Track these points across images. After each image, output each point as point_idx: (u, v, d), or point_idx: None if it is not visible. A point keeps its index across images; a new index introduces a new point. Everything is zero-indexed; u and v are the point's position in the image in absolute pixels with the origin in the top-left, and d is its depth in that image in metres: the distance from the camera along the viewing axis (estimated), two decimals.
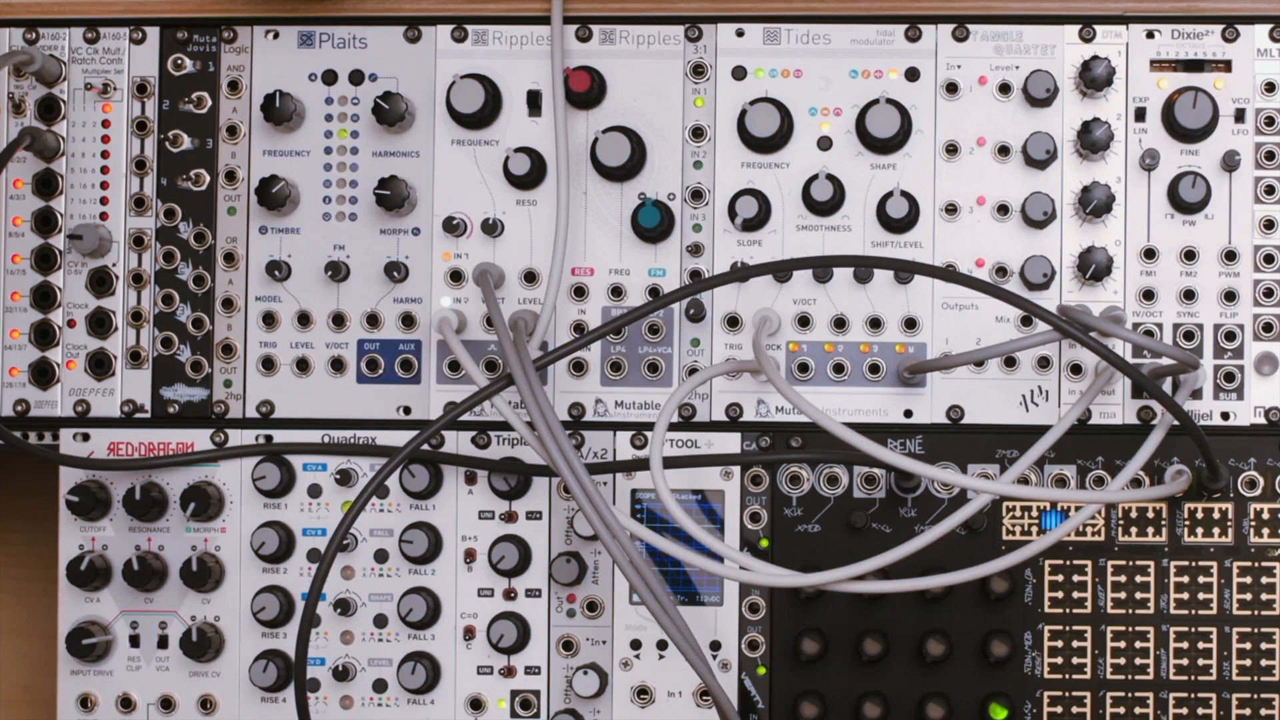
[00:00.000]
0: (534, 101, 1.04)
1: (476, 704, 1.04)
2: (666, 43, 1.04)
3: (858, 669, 1.02)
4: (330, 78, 1.05)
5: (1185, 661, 1.01)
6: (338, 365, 1.04)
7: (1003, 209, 1.02)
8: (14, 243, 1.05)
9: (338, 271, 1.03)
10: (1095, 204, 1.01)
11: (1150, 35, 1.02)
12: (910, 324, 1.02)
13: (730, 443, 1.03)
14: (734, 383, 1.03)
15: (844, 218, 1.03)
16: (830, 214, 1.03)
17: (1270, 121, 1.02)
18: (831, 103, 1.03)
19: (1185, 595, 1.02)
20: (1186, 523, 1.02)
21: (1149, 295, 1.02)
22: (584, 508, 0.92)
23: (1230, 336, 1.02)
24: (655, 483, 0.93)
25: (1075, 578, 1.02)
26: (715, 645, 1.03)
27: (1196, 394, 1.02)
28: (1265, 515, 1.01)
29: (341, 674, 1.04)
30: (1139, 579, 1.02)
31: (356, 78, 1.04)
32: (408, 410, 1.04)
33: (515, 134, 1.04)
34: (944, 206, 1.03)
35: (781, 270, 1.01)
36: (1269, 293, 1.02)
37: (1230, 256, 1.02)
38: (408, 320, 1.04)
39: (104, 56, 1.05)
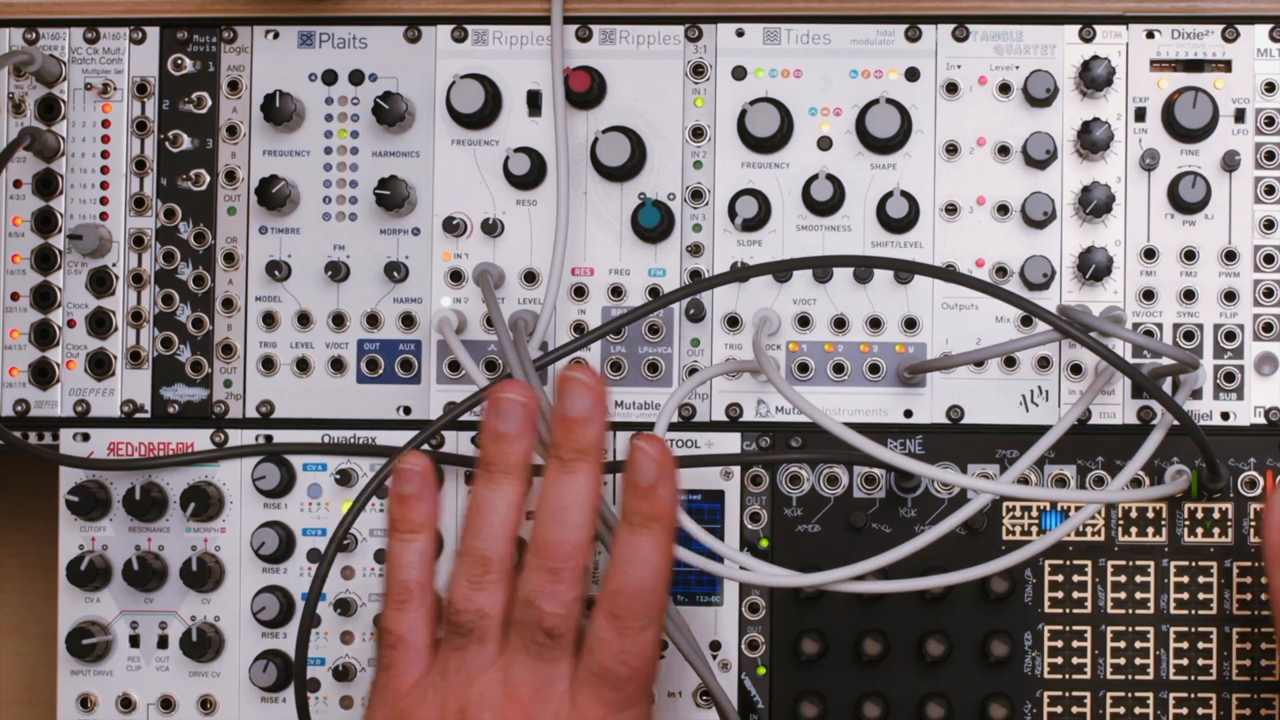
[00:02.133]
0: (534, 101, 1.04)
1: None
2: (666, 43, 1.04)
3: (858, 669, 1.02)
4: (330, 78, 1.05)
5: (1185, 661, 1.01)
6: (338, 365, 1.04)
7: (1003, 209, 1.02)
8: (14, 243, 1.05)
9: (338, 271, 1.04)
10: (1095, 204, 1.01)
11: (1150, 35, 1.02)
12: (910, 324, 1.02)
13: (730, 443, 1.03)
14: (734, 383, 1.03)
15: (844, 218, 1.03)
16: (830, 214, 1.03)
17: (1270, 121, 1.02)
18: (831, 103, 1.03)
19: (1185, 595, 1.02)
20: (1186, 523, 1.02)
21: (1149, 295, 1.02)
22: None
23: (1230, 336, 1.02)
24: None
25: (1075, 578, 1.02)
26: (715, 645, 1.03)
27: (1196, 394, 1.02)
28: None
29: (341, 674, 1.04)
30: (1139, 579, 1.02)
31: (356, 78, 1.04)
32: (408, 410, 1.04)
33: (515, 134, 1.04)
34: (944, 206, 1.03)
35: (781, 270, 1.01)
36: (1269, 293, 1.02)
37: (1230, 256, 1.02)
38: (408, 320, 1.04)
39: (104, 56, 1.05)
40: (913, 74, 1.03)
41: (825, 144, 1.03)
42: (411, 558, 0.89)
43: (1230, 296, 1.02)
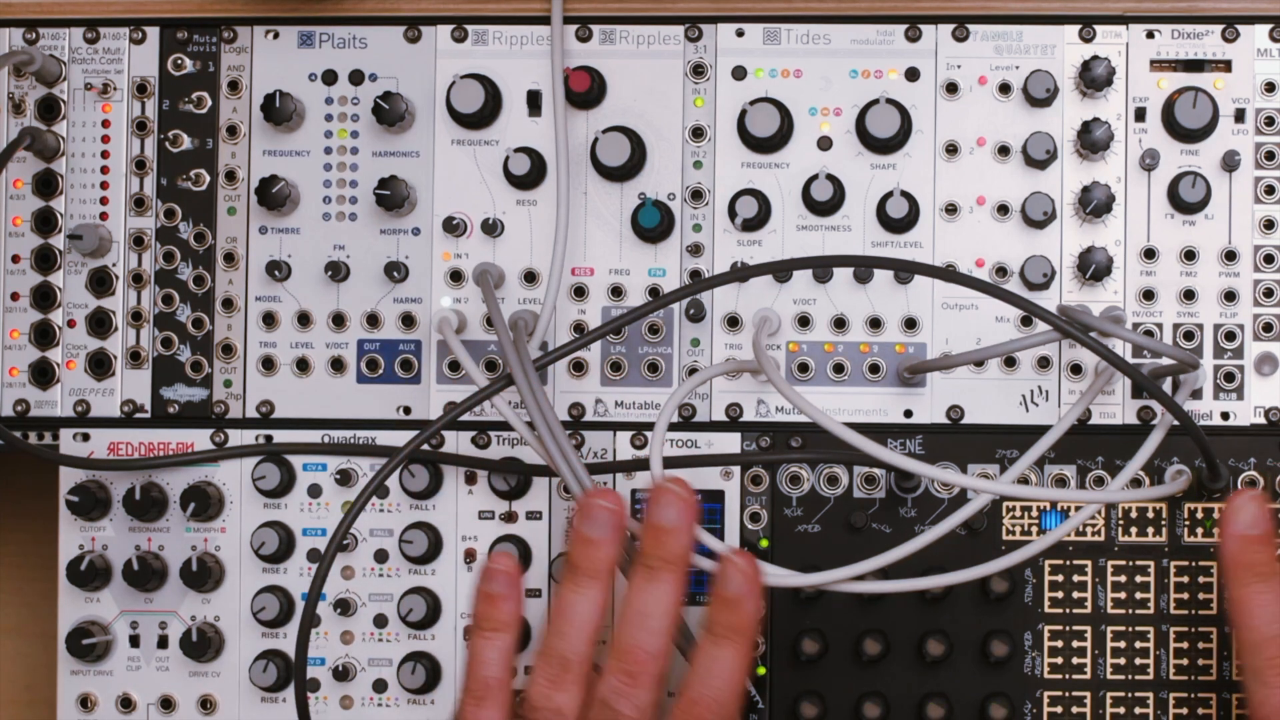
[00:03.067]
0: (534, 101, 1.04)
1: None
2: (666, 43, 1.04)
3: (858, 669, 1.02)
4: (330, 78, 1.05)
5: (1185, 661, 1.01)
6: (338, 365, 1.04)
7: (1003, 209, 1.02)
8: (14, 243, 1.05)
9: (338, 271, 1.04)
10: (1095, 204, 1.01)
11: (1150, 35, 1.02)
12: (910, 324, 1.02)
13: (730, 443, 1.03)
14: (734, 383, 1.03)
15: (844, 218, 1.03)
16: (830, 214, 1.03)
17: (1270, 121, 1.02)
18: (831, 103, 1.03)
19: (1185, 595, 1.02)
20: (1186, 523, 1.02)
21: (1149, 295, 1.02)
22: None
23: (1230, 336, 1.02)
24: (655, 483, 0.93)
25: (1075, 578, 1.02)
26: None
27: (1196, 394, 1.02)
28: None
29: (341, 674, 1.04)
30: (1139, 579, 1.02)
31: (356, 78, 1.04)
32: (408, 410, 1.04)
33: (515, 134, 1.04)
34: (944, 206, 1.03)
35: (781, 270, 1.01)
36: (1269, 293, 1.02)
37: (1230, 256, 1.02)
38: (408, 320, 1.04)
39: (104, 56, 1.05)
40: (913, 74, 1.03)
41: (825, 144, 1.03)
42: (493, 655, 0.92)
43: (1230, 296, 1.02)
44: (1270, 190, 1.02)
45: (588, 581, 0.90)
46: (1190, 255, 1.02)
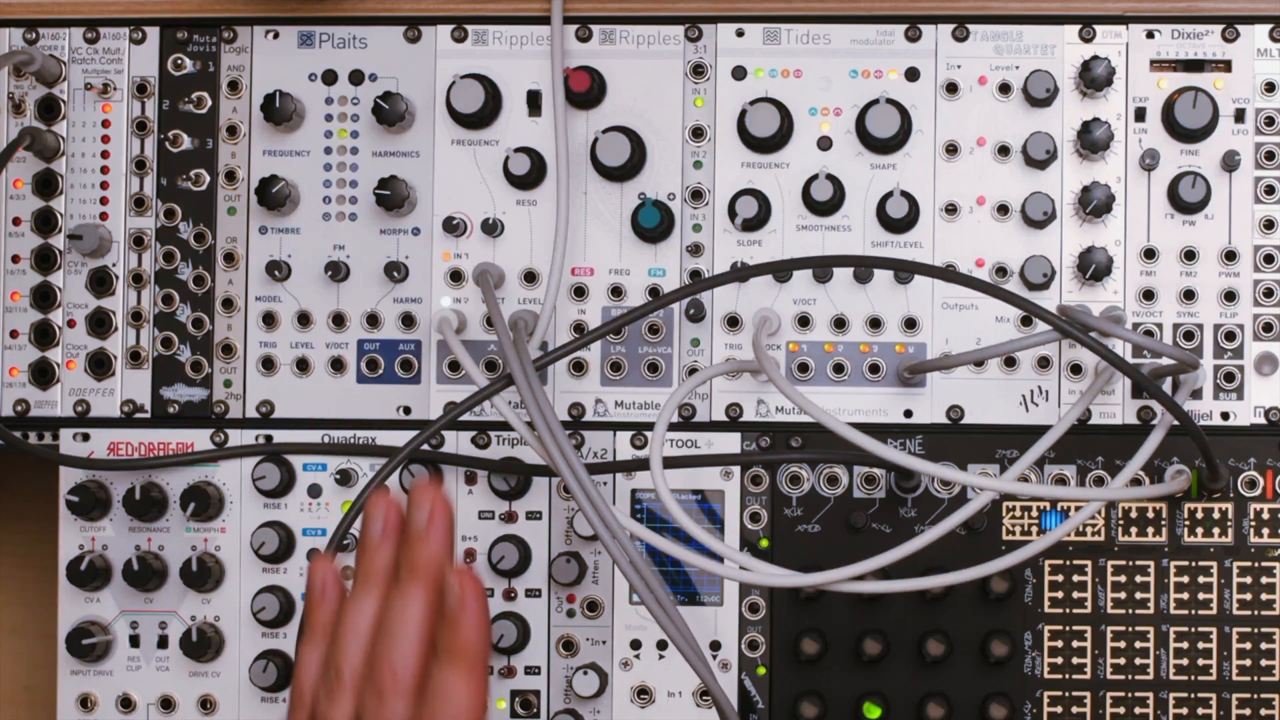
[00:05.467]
0: (534, 101, 1.04)
1: None
2: (666, 43, 1.04)
3: (858, 669, 1.02)
4: (330, 78, 1.05)
5: (1185, 661, 1.02)
6: (338, 365, 1.04)
7: (1003, 209, 1.02)
8: (14, 243, 1.05)
9: (338, 271, 1.04)
10: (1095, 204, 1.01)
11: (1150, 35, 1.02)
12: (910, 324, 1.02)
13: (730, 443, 1.03)
14: (734, 383, 1.03)
15: (844, 218, 1.03)
16: (830, 214, 1.03)
17: (1270, 121, 1.02)
18: (831, 103, 1.03)
19: (1185, 595, 1.02)
20: (1186, 523, 1.02)
21: (1149, 295, 1.02)
22: (584, 508, 0.92)
23: (1230, 336, 1.02)
24: (655, 483, 0.93)
25: (1075, 578, 1.02)
26: (715, 645, 1.03)
27: (1196, 394, 1.02)
28: (1265, 515, 1.01)
29: None
30: (1139, 579, 1.02)
31: (356, 78, 1.04)
32: (408, 410, 1.04)
33: (515, 134, 1.04)
34: (944, 206, 1.03)
35: (781, 270, 1.01)
36: (1269, 293, 1.02)
37: (1230, 256, 1.02)
38: (408, 320, 1.04)
39: (104, 56, 1.05)
40: (913, 74, 1.03)
41: (825, 144, 1.03)
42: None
43: (1230, 296, 1.02)
44: (1270, 190, 1.02)
45: (363, 590, 0.84)
46: (1190, 255, 1.02)
